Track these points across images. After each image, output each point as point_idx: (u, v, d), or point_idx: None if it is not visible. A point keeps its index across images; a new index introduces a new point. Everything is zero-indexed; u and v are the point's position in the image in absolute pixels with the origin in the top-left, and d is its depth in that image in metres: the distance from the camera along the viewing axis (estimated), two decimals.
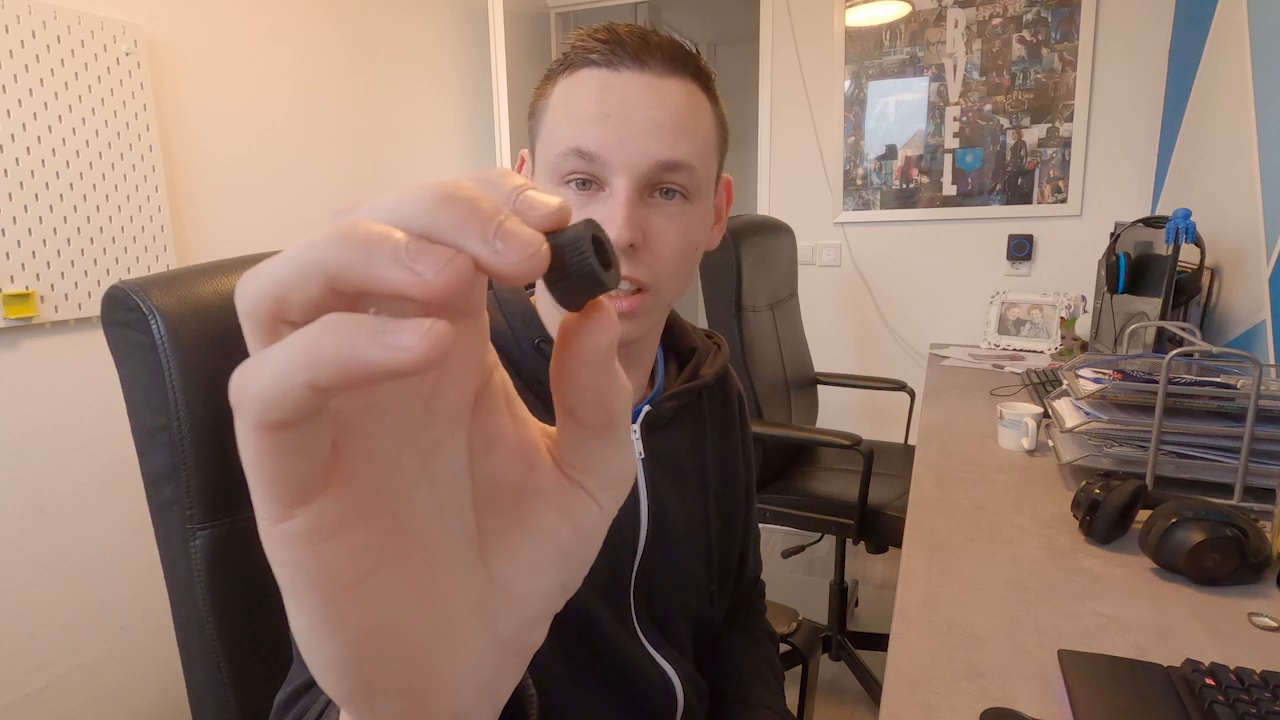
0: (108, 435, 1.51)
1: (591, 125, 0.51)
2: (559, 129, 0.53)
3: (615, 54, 0.51)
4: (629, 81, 0.51)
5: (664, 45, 0.52)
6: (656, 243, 0.53)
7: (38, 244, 1.39)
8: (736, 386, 0.76)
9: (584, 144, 0.51)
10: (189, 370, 0.55)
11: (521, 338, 0.58)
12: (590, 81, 0.52)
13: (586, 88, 0.51)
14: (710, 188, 0.57)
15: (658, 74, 0.51)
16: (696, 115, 0.53)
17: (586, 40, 0.52)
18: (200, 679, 0.59)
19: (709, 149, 0.55)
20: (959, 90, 2.33)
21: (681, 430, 0.66)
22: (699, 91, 0.54)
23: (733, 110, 0.60)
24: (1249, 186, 1.42)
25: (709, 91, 0.56)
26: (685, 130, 0.52)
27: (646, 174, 0.51)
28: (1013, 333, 2.27)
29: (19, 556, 1.40)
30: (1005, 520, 0.92)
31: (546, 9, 2.77)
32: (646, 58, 0.51)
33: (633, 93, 0.51)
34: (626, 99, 0.51)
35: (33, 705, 1.42)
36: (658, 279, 0.54)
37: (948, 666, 0.63)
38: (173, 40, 1.64)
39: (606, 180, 0.52)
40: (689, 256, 0.56)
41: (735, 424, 0.74)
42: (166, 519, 0.58)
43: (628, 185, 0.51)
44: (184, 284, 0.58)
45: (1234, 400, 0.93)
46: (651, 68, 0.51)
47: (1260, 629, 0.67)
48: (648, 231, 0.52)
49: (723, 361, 0.70)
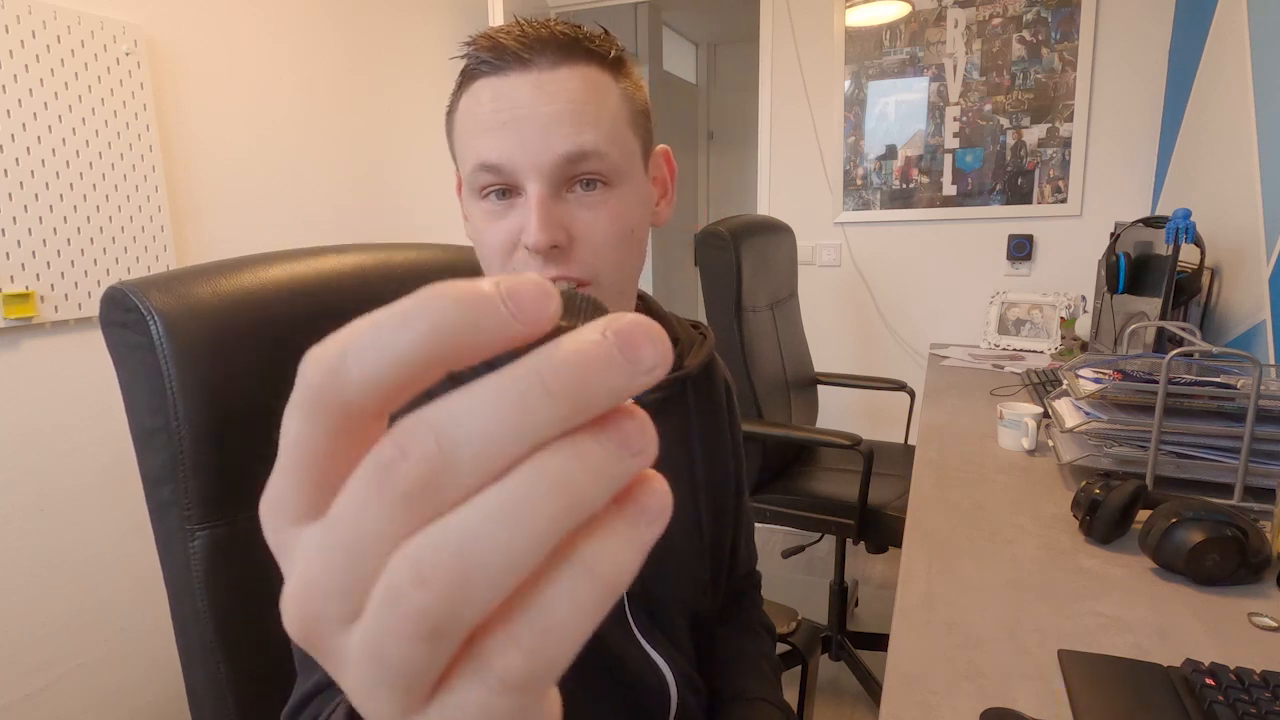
0: (108, 435, 1.51)
1: (491, 136, 0.51)
2: (466, 146, 0.53)
3: (500, 58, 0.51)
4: (518, 84, 0.50)
5: (548, 38, 0.51)
6: (587, 236, 0.52)
7: (38, 244, 1.39)
8: (724, 375, 0.75)
9: (488, 157, 0.51)
10: (188, 371, 0.55)
11: None
12: (483, 92, 0.51)
13: (480, 99, 0.51)
14: (636, 166, 0.56)
15: (545, 68, 0.51)
16: (598, 98, 0.52)
17: (473, 51, 0.52)
18: (199, 680, 0.59)
19: (620, 128, 0.54)
20: (959, 90, 2.33)
21: (666, 422, 0.64)
22: (599, 73, 0.53)
23: (733, 110, 0.60)
24: (1249, 186, 1.42)
25: (613, 69, 0.54)
26: (586, 117, 0.51)
27: (554, 171, 0.51)
28: (1013, 333, 2.27)
29: (19, 556, 1.40)
30: (1005, 520, 0.92)
31: (546, 9, 2.77)
32: (531, 55, 0.50)
33: (523, 94, 0.50)
34: (518, 102, 0.50)
35: (33, 705, 1.42)
36: (597, 271, 0.53)
37: (948, 666, 0.63)
38: (173, 40, 1.64)
39: (520, 186, 0.52)
40: (626, 242, 0.55)
41: (723, 413, 0.73)
42: (165, 520, 0.57)
43: (538, 188, 0.51)
44: (183, 285, 0.57)
45: (1234, 400, 0.93)
46: (538, 64, 0.51)
47: (1260, 629, 0.67)
48: (574, 228, 0.52)
49: (708, 351, 0.70)
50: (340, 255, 0.69)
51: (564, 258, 0.52)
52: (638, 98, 0.56)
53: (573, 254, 0.52)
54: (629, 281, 0.57)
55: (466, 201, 0.56)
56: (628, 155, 0.54)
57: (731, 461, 0.74)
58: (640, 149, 0.56)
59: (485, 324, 0.13)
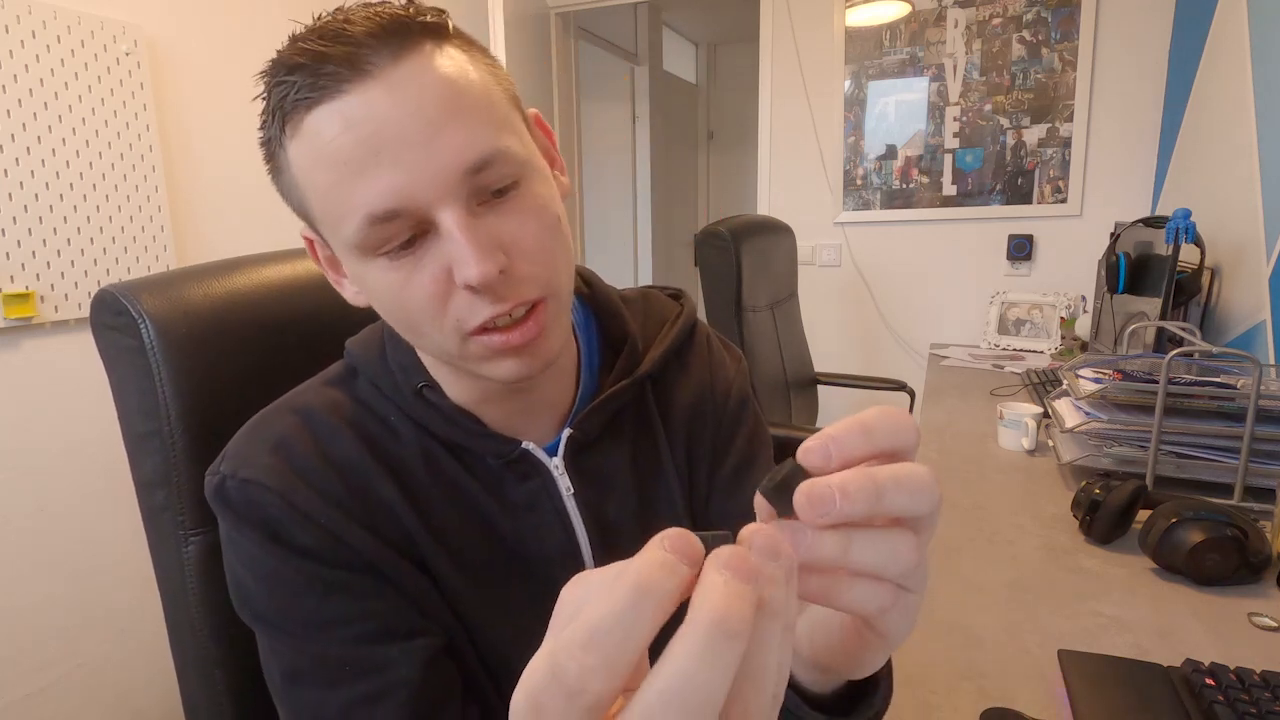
0: (107, 435, 1.50)
1: (366, 177, 0.39)
2: (330, 201, 0.40)
3: (328, 76, 0.38)
4: (370, 98, 0.38)
5: (367, 27, 0.39)
6: (523, 249, 0.42)
7: (38, 244, 1.39)
8: (704, 350, 0.61)
9: (375, 207, 0.39)
10: (180, 374, 0.54)
11: (403, 384, 0.50)
12: (325, 125, 0.39)
13: (325, 135, 0.39)
14: (532, 149, 0.45)
15: (389, 65, 0.39)
16: (466, 82, 0.41)
17: (285, 77, 0.39)
18: (194, 687, 0.58)
19: (503, 111, 0.43)
20: (959, 90, 2.33)
21: (618, 438, 0.55)
22: (445, 47, 0.41)
23: (733, 110, 0.57)
24: (1249, 186, 1.42)
25: (451, 39, 0.42)
26: (467, 112, 0.40)
27: (461, 189, 0.40)
28: (1013, 333, 2.27)
29: (19, 557, 1.40)
30: (1005, 520, 0.92)
31: (546, 9, 2.77)
32: (363, 55, 0.38)
33: (381, 107, 0.38)
34: (381, 121, 0.38)
35: (33, 705, 1.42)
36: (547, 279, 0.44)
37: (948, 666, 0.63)
38: (173, 40, 1.64)
39: (428, 224, 0.40)
40: (557, 233, 0.45)
41: (709, 388, 0.60)
42: (159, 525, 0.57)
43: (454, 214, 0.40)
44: (174, 287, 0.57)
45: (1234, 400, 0.93)
46: (378, 64, 0.38)
47: (1260, 629, 0.67)
48: (506, 244, 0.42)
49: (674, 337, 0.58)
50: None
51: (511, 282, 0.42)
52: (496, 69, 0.45)
53: (516, 273, 0.42)
54: (572, 273, 0.49)
55: (356, 269, 0.44)
56: (520, 137, 0.44)
57: (727, 424, 0.60)
58: (525, 126, 0.46)
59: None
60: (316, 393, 0.51)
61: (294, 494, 0.45)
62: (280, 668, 0.46)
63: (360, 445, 0.49)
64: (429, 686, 0.45)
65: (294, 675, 0.45)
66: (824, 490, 0.23)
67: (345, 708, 0.44)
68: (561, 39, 2.83)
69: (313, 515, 0.45)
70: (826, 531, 0.24)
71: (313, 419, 0.49)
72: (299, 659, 0.45)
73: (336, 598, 0.45)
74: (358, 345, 0.53)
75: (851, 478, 0.23)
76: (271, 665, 0.46)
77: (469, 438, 0.50)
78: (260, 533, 0.45)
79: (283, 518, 0.45)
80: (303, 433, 0.48)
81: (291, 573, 0.45)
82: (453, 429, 0.50)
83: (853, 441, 0.24)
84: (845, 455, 0.24)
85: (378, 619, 0.46)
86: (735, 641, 0.18)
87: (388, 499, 0.48)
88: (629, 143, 3.83)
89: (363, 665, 0.45)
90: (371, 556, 0.46)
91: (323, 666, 0.45)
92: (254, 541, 0.45)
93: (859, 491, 0.23)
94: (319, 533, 0.45)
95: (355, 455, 0.48)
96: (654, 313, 0.61)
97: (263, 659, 0.47)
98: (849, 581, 0.25)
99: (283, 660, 0.46)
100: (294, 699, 0.46)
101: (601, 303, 0.57)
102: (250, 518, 0.45)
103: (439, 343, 0.44)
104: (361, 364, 0.52)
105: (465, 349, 0.44)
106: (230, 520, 0.46)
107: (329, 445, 0.48)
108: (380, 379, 0.51)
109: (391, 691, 0.44)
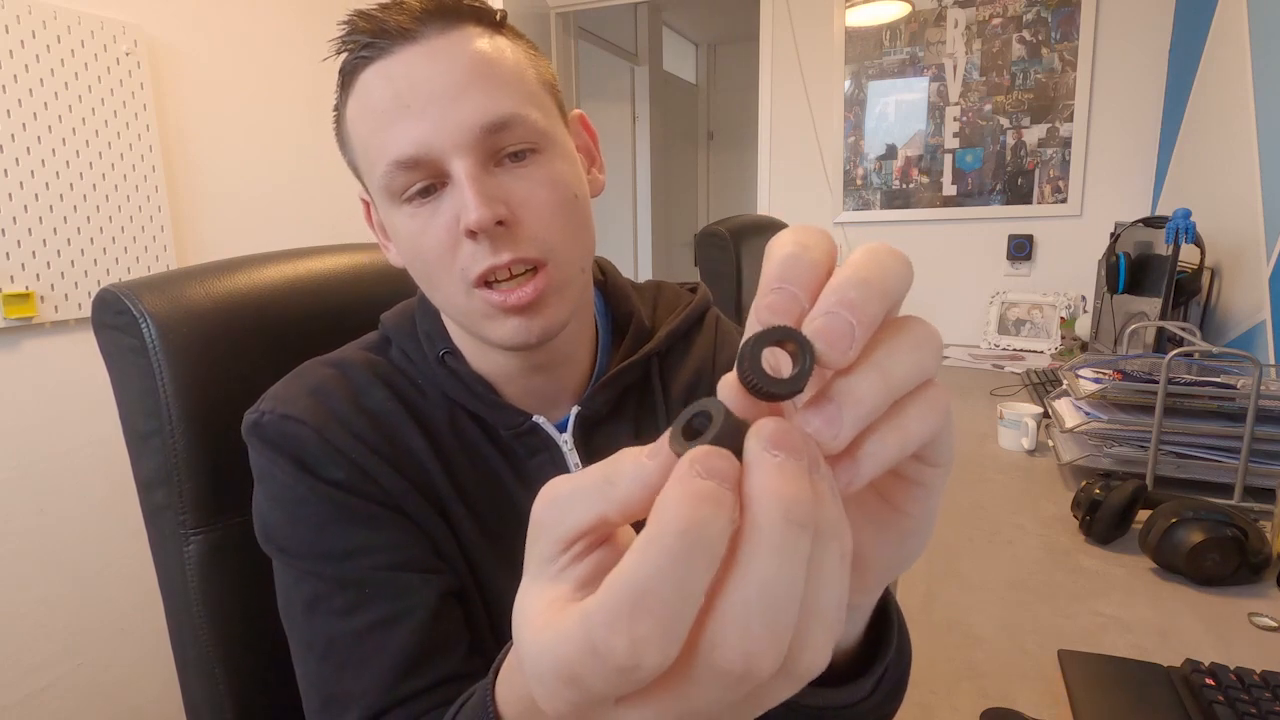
0: (108, 435, 1.50)
1: (396, 127, 0.44)
2: (370, 149, 0.46)
3: (382, 36, 0.44)
4: (410, 60, 0.44)
5: (424, 4, 0.45)
6: (530, 209, 0.46)
7: (38, 244, 1.39)
8: (711, 331, 0.62)
9: (401, 151, 0.44)
10: (181, 374, 0.54)
11: (428, 351, 0.53)
12: (371, 83, 0.45)
13: (370, 92, 0.45)
14: (559, 130, 0.49)
15: (435, 35, 0.44)
16: (500, 58, 0.46)
17: (351, 36, 0.46)
18: (195, 686, 0.58)
19: (533, 88, 0.47)
20: (959, 90, 2.33)
21: (624, 417, 0.56)
22: (491, 34, 0.47)
23: (733, 110, 0.57)
24: (1249, 186, 1.42)
25: (503, 30, 0.48)
26: (495, 80, 0.45)
27: (477, 145, 0.44)
28: (1013, 333, 2.27)
29: (19, 556, 1.40)
30: (1005, 520, 0.92)
31: (546, 9, 2.77)
32: (414, 24, 0.44)
33: (419, 67, 0.44)
34: (416, 79, 0.44)
35: (33, 705, 1.42)
36: (550, 247, 0.46)
37: (948, 666, 0.63)
38: (173, 40, 1.64)
39: (444, 173, 0.44)
40: (572, 210, 0.48)
41: (710, 363, 0.60)
42: (159, 524, 0.57)
43: (466, 164, 0.44)
44: (175, 286, 0.57)
45: (1234, 400, 0.93)
46: (425, 33, 0.44)
47: (1260, 629, 0.67)
48: (513, 202, 0.45)
49: (684, 318, 0.60)
50: (335, 255, 0.68)
51: (511, 236, 0.45)
52: (539, 60, 0.50)
53: (519, 231, 0.45)
54: (586, 255, 0.51)
55: (387, 217, 0.49)
56: (549, 117, 0.48)
57: None
58: (558, 112, 0.50)
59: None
60: (354, 353, 0.54)
61: (328, 430, 0.48)
62: (301, 596, 0.47)
63: (393, 399, 0.51)
64: (442, 620, 0.47)
65: (313, 601, 0.47)
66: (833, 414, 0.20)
67: (361, 631, 0.46)
68: (561, 39, 2.83)
69: (345, 450, 0.48)
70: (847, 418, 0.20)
71: (350, 371, 0.52)
72: (320, 584, 0.47)
73: (361, 528, 0.47)
74: (391, 316, 0.56)
75: (860, 384, 0.20)
76: (292, 595, 0.48)
77: (483, 406, 0.52)
78: (293, 464, 0.47)
79: (316, 450, 0.47)
80: (340, 381, 0.51)
81: (320, 502, 0.47)
82: (470, 396, 0.52)
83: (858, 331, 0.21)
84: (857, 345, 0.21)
85: (400, 550, 0.48)
86: (806, 531, 0.17)
87: (416, 449, 0.50)
88: (629, 143, 3.83)
89: (382, 589, 0.46)
90: (397, 496, 0.48)
91: (343, 589, 0.46)
92: (286, 471, 0.47)
93: (870, 399, 0.20)
94: (350, 467, 0.48)
95: (389, 406, 0.51)
96: (665, 299, 0.63)
97: (280, 594, 0.49)
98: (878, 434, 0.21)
99: (303, 588, 0.47)
100: (310, 627, 0.47)
101: (612, 289, 0.60)
102: (284, 449, 0.47)
103: (450, 295, 0.47)
104: (394, 333, 0.54)
105: (470, 303, 0.46)
106: (265, 453, 0.48)
107: (363, 395, 0.51)
108: (409, 346, 0.53)
109: (408, 615, 0.46)
